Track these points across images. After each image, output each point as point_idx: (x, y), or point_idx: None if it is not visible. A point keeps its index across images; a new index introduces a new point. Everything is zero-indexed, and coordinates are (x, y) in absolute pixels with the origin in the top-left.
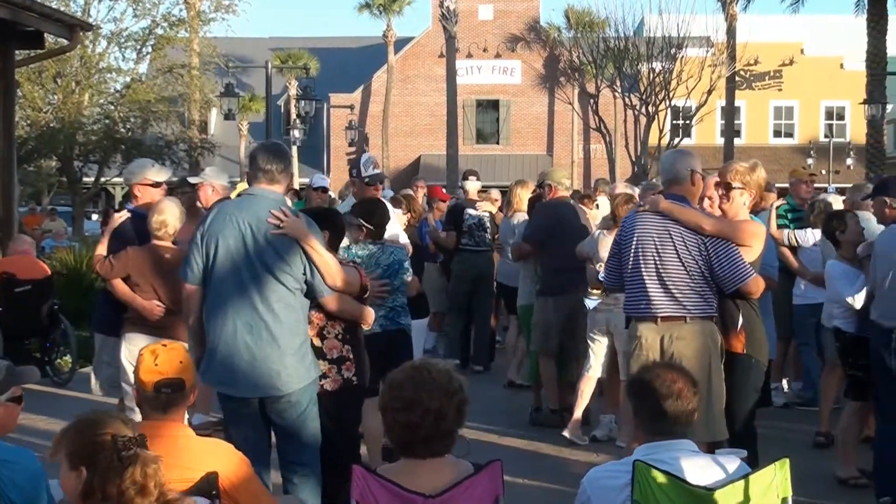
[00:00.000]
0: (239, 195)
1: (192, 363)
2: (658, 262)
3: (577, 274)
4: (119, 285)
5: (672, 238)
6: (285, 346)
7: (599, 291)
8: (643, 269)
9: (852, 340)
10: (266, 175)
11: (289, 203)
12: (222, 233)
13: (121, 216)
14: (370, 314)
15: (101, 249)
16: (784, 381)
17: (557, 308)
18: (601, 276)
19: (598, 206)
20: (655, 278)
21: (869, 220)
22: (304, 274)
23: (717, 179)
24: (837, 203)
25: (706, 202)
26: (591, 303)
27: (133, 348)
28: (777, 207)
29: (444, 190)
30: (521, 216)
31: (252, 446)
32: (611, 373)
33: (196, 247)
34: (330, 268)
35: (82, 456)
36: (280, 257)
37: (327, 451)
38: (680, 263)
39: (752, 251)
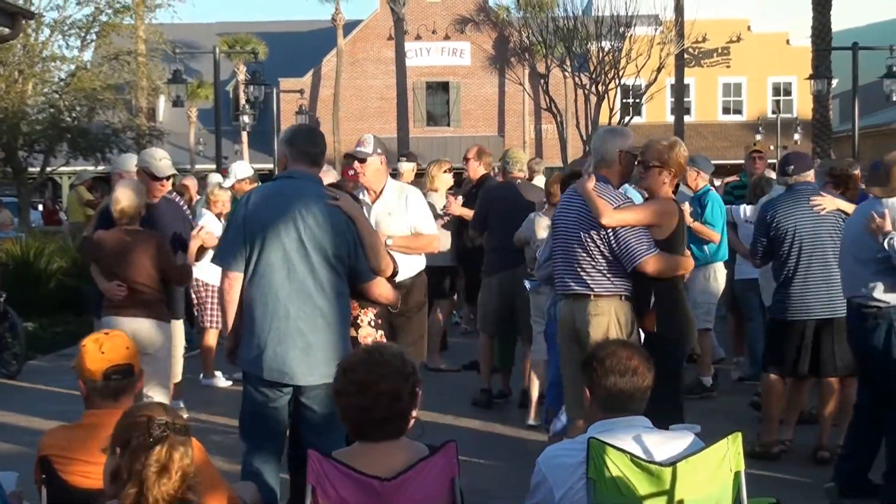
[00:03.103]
0: (275, 179)
1: (137, 349)
2: (569, 242)
3: (512, 253)
4: (94, 267)
5: (580, 219)
6: (338, 333)
7: None
8: (560, 248)
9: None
10: (308, 157)
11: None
12: (269, 216)
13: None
14: (398, 297)
15: (87, 232)
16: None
17: (490, 287)
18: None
19: None
20: (568, 257)
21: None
22: (349, 257)
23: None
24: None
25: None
26: (529, 284)
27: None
28: (727, 184)
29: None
30: (435, 195)
31: (272, 438)
32: None
33: (237, 232)
34: (379, 248)
35: (120, 438)
36: (330, 240)
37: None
38: (583, 243)
39: (662, 230)
